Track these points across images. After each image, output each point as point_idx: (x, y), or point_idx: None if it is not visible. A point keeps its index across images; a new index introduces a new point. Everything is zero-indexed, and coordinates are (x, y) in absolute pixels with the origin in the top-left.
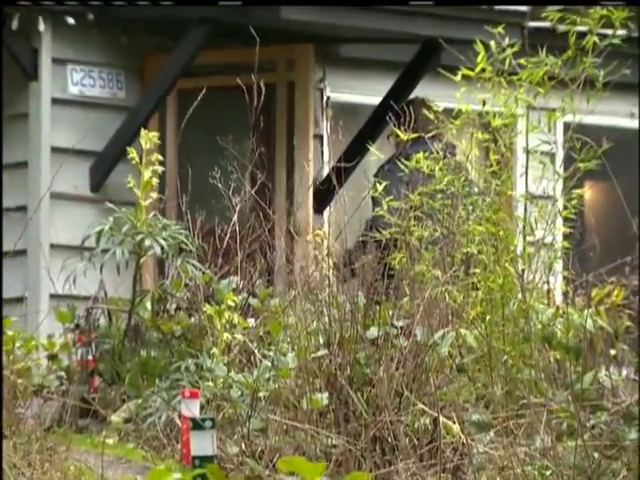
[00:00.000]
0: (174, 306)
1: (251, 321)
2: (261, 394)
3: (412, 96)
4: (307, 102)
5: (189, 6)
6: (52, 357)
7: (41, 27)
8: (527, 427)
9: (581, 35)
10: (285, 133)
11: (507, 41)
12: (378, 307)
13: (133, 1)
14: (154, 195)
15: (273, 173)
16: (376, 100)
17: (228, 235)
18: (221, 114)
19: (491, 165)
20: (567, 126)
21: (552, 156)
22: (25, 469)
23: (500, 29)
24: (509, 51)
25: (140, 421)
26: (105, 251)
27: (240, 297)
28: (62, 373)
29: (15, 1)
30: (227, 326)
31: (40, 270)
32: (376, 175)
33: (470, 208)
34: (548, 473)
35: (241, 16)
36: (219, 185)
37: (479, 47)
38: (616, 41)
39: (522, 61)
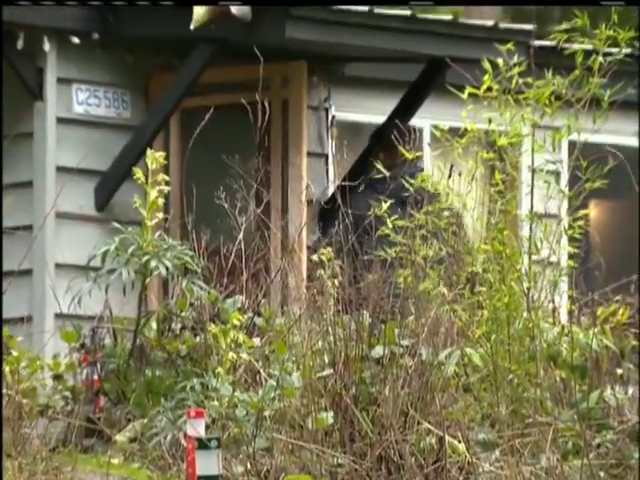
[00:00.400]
0: (179, 326)
1: (256, 340)
2: (266, 413)
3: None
4: (300, 119)
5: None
6: (57, 377)
7: (46, 47)
8: (533, 446)
9: (587, 54)
10: (280, 151)
11: (514, 60)
12: (383, 326)
13: (133, 1)
14: (160, 215)
15: (269, 191)
16: (381, 119)
17: (233, 254)
18: (222, 132)
19: (497, 184)
20: (572, 145)
21: (557, 175)
22: None
23: (508, 46)
24: (515, 70)
25: (145, 441)
26: (111, 271)
27: (245, 316)
28: (67, 393)
29: (15, 1)
30: (232, 345)
31: (45, 290)
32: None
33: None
34: None
35: (246, 35)
36: (224, 204)
37: (486, 65)
38: (620, 57)
39: (529, 80)
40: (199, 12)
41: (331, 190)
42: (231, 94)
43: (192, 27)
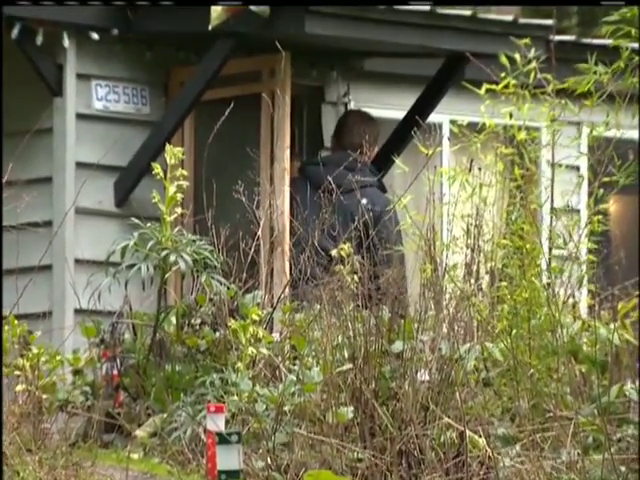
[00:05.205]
0: (199, 321)
1: (275, 335)
2: (286, 408)
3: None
4: (284, 112)
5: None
6: (77, 372)
7: (66, 43)
8: (553, 441)
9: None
10: (269, 143)
11: (532, 54)
12: (403, 321)
13: (133, 1)
14: (178, 210)
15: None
16: (400, 114)
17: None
18: (229, 125)
19: (516, 179)
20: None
21: (578, 169)
22: None
23: (525, 41)
24: (533, 64)
25: (165, 436)
26: (130, 266)
27: (264, 311)
28: (87, 388)
29: (15, 1)
30: (252, 340)
31: (65, 285)
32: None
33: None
34: None
35: (266, 30)
36: (242, 198)
37: (504, 60)
38: None
39: (548, 76)
40: (216, 11)
41: None
42: (229, 87)
43: (210, 27)
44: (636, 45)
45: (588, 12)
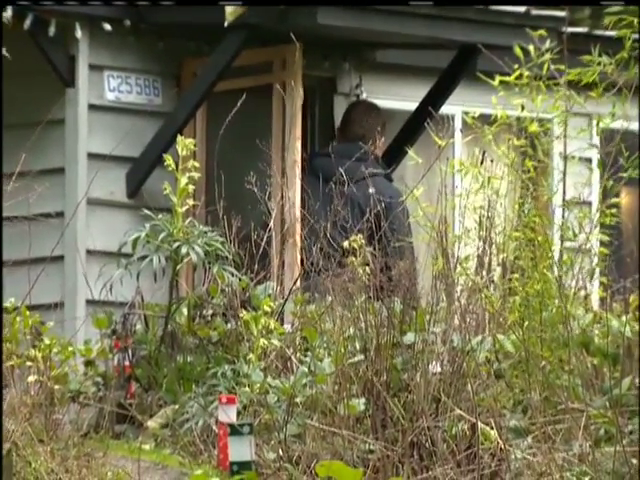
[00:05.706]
0: (210, 312)
1: (287, 327)
2: (298, 400)
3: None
4: (295, 102)
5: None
6: (89, 363)
7: (78, 34)
8: (565, 433)
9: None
10: (281, 134)
11: (546, 46)
12: (415, 312)
13: (133, 1)
14: (190, 202)
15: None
16: (413, 106)
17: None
18: (241, 116)
19: (528, 171)
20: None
21: (590, 161)
22: (63, 475)
23: (540, 32)
24: (547, 56)
25: (177, 427)
26: (142, 258)
27: (276, 303)
28: (99, 379)
29: (15, 1)
30: (263, 332)
31: (77, 276)
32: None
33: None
34: (586, 479)
35: (279, 21)
36: (254, 189)
37: (518, 52)
38: None
39: (561, 67)
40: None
41: None
42: (241, 78)
43: (226, 24)
44: None
45: None
